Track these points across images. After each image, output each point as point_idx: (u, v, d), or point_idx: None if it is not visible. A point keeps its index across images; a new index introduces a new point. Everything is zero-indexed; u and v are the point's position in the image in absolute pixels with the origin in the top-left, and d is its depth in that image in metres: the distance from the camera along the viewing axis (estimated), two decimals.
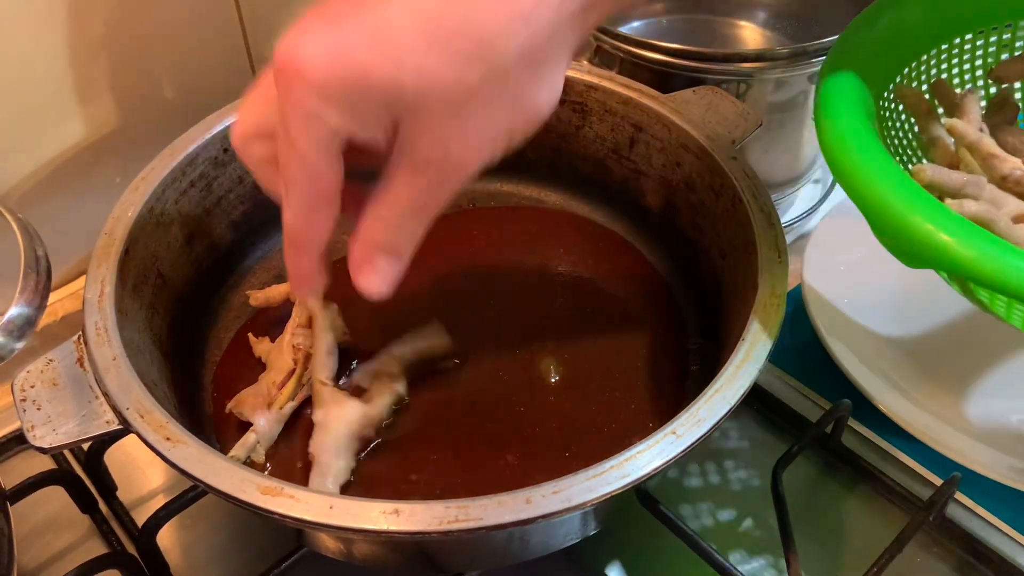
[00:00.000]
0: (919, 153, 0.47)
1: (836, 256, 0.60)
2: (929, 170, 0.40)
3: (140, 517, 0.46)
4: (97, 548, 0.47)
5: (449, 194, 0.34)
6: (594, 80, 0.56)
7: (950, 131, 0.44)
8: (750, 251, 0.45)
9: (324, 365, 0.47)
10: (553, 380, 0.50)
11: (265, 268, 0.58)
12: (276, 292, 0.52)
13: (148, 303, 0.47)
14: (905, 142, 0.47)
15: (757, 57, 0.57)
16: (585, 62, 0.59)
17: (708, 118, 0.53)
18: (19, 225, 0.40)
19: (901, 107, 0.47)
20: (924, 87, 0.48)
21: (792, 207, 0.69)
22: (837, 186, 0.70)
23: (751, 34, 0.70)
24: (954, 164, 0.44)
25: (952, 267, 0.34)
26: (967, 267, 0.33)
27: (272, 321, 0.52)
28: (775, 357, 0.57)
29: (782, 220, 0.46)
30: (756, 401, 0.54)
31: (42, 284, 0.38)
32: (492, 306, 0.54)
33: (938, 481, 0.49)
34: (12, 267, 0.39)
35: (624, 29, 0.67)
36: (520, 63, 0.30)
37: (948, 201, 0.38)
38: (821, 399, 0.55)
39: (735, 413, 0.37)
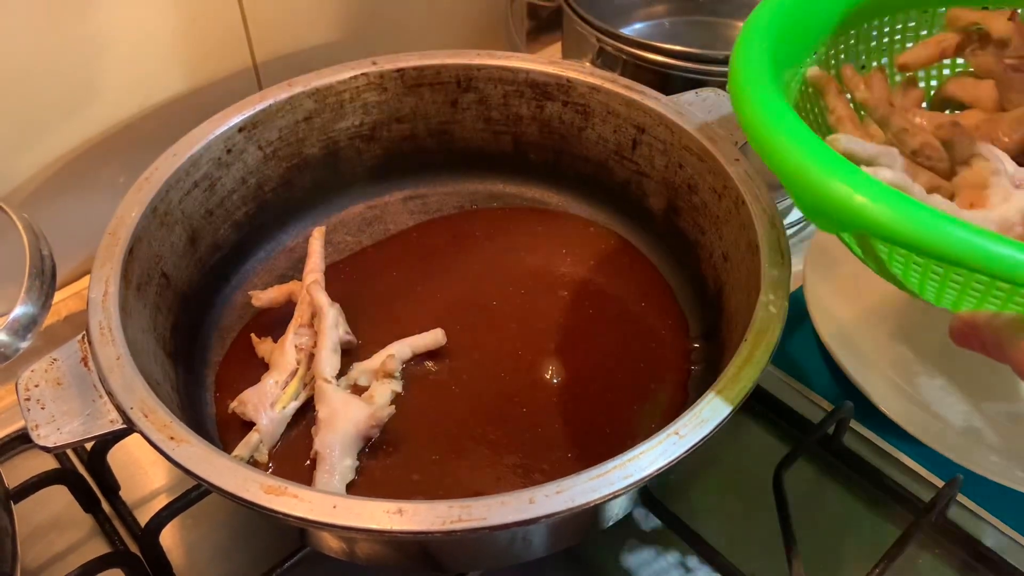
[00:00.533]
0: (828, 134, 0.47)
1: (838, 258, 0.60)
2: (843, 140, 0.40)
3: (143, 517, 0.46)
4: (100, 547, 0.47)
5: None
6: (597, 82, 0.56)
7: (862, 105, 0.44)
8: (753, 253, 0.45)
9: (328, 363, 0.47)
10: (555, 381, 0.50)
11: (268, 269, 0.58)
12: (278, 292, 0.52)
13: (152, 303, 0.47)
14: (815, 124, 0.47)
15: None
16: (588, 63, 0.60)
17: (711, 120, 0.53)
18: (25, 225, 0.40)
19: (811, 89, 0.47)
20: (832, 72, 0.48)
21: (795, 209, 0.69)
22: None
23: None
24: None
25: (870, 227, 0.32)
26: (886, 227, 0.32)
27: (274, 321, 0.52)
28: (777, 359, 0.57)
29: (785, 222, 0.46)
30: (758, 403, 0.54)
31: (47, 284, 0.38)
32: (494, 307, 0.55)
33: (940, 483, 0.49)
34: (17, 267, 0.39)
35: (627, 31, 0.67)
36: None
37: (863, 169, 0.38)
38: (823, 401, 0.55)
39: (737, 414, 0.37)
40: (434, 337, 0.51)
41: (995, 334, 0.31)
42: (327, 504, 0.34)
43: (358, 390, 0.49)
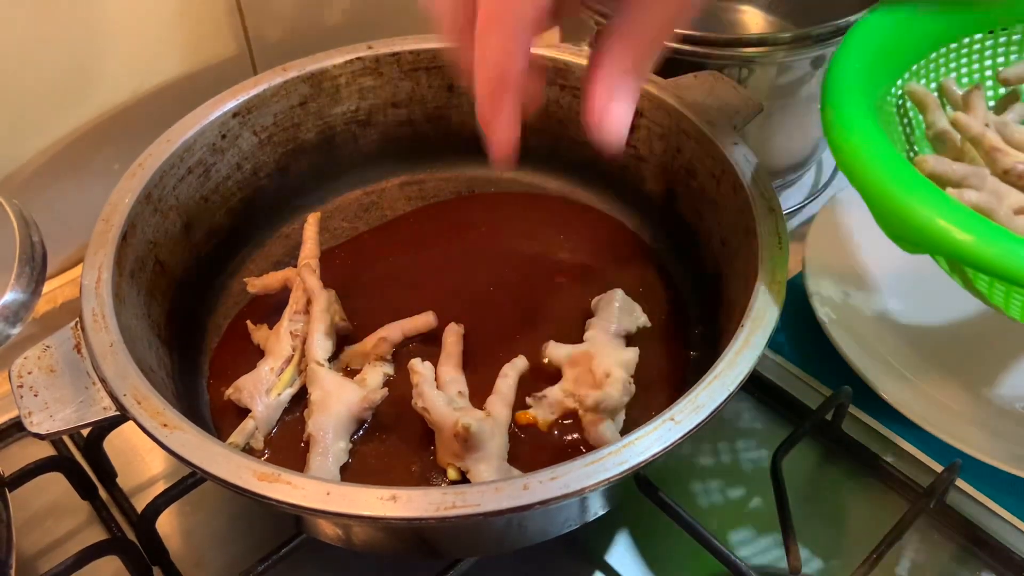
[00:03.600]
0: (927, 149, 0.48)
1: (837, 243, 0.60)
2: (931, 160, 0.40)
3: (140, 503, 0.46)
4: (97, 534, 0.47)
5: (680, 21, 0.35)
6: None
7: (954, 124, 0.44)
8: (751, 237, 0.45)
9: (320, 346, 0.47)
10: (553, 367, 0.50)
11: (264, 255, 0.57)
12: (274, 279, 0.52)
13: (146, 289, 0.47)
14: (913, 138, 0.48)
15: (759, 42, 0.56)
16: (586, 46, 0.59)
17: (709, 103, 0.52)
18: (15, 211, 0.39)
19: (909, 103, 0.47)
20: (932, 85, 0.48)
21: (794, 193, 0.69)
22: (839, 173, 0.70)
23: (753, 18, 0.69)
24: (960, 159, 0.45)
25: (950, 252, 0.34)
26: (965, 252, 0.33)
27: (269, 308, 0.52)
28: (776, 344, 0.57)
29: (783, 206, 0.46)
30: (756, 388, 0.53)
31: (37, 270, 0.38)
32: (492, 293, 0.54)
33: (939, 468, 0.49)
34: (7, 254, 0.39)
35: None
36: None
37: (949, 190, 0.38)
38: (822, 386, 0.54)
39: (735, 400, 0.37)
40: (425, 320, 0.51)
41: None
42: (321, 491, 0.34)
43: (350, 374, 0.48)
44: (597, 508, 0.41)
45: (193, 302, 0.52)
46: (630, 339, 0.50)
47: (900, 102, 0.47)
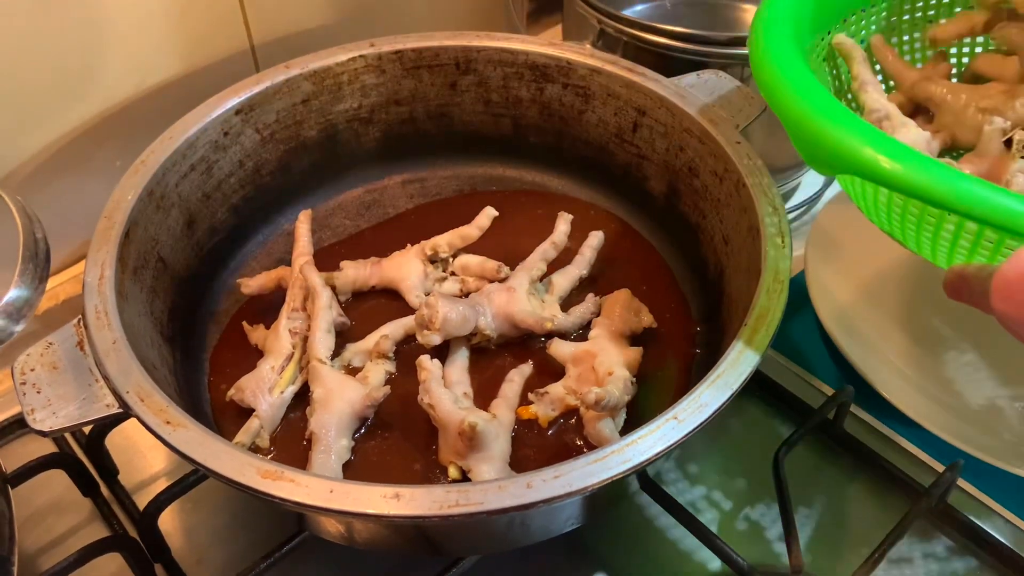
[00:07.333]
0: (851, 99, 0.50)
1: (840, 242, 0.60)
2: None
3: (142, 501, 0.46)
4: (99, 531, 0.47)
5: None
6: (597, 64, 0.56)
7: (885, 72, 0.49)
8: (753, 236, 0.45)
9: (323, 343, 0.47)
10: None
11: (266, 252, 0.57)
12: (268, 279, 0.52)
13: (148, 287, 0.47)
14: (838, 91, 0.50)
15: None
16: (588, 45, 0.59)
17: (712, 102, 0.52)
18: (18, 208, 0.39)
19: (837, 57, 0.49)
20: (863, 43, 0.50)
21: (796, 192, 0.69)
22: None
23: None
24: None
25: (853, 167, 0.35)
26: (866, 166, 0.35)
27: (268, 306, 0.52)
28: (778, 343, 0.56)
29: (786, 206, 0.46)
30: (758, 387, 0.53)
31: (41, 267, 0.38)
32: None
33: (940, 467, 0.49)
34: (11, 250, 0.39)
35: (628, 12, 0.66)
36: None
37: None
38: (824, 385, 0.54)
39: (737, 398, 0.37)
40: None
41: (982, 284, 0.31)
42: (324, 489, 0.34)
43: (352, 371, 0.48)
44: (601, 506, 0.41)
45: (195, 299, 0.52)
46: (634, 337, 0.50)
47: (827, 54, 0.49)
